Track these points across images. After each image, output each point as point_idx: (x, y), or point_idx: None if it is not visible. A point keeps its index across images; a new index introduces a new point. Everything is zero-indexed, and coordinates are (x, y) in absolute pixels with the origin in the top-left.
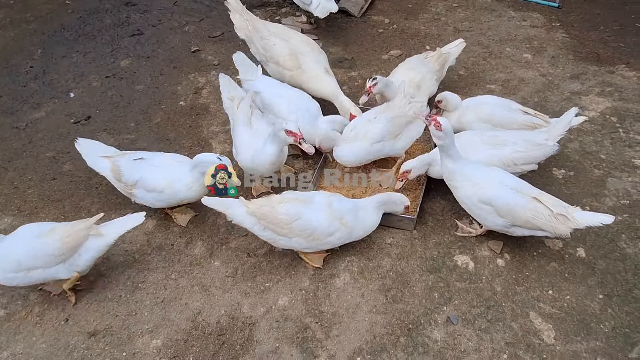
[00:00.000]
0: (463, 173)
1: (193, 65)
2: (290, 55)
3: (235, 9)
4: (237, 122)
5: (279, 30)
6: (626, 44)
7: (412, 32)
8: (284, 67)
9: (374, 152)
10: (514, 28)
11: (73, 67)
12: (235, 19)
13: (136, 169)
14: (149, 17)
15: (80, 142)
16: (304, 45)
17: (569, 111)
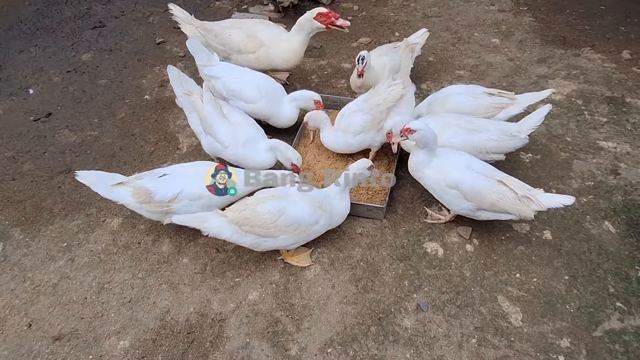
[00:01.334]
0: (431, 163)
1: (158, 58)
2: (249, 36)
3: (184, 20)
4: (210, 115)
5: (230, 23)
6: (591, 27)
7: (381, 19)
8: (247, 50)
9: (355, 145)
10: (483, 13)
11: (32, 62)
12: (186, 30)
13: (170, 184)
14: (111, 9)
15: (83, 175)
16: (258, 24)
17: (544, 107)
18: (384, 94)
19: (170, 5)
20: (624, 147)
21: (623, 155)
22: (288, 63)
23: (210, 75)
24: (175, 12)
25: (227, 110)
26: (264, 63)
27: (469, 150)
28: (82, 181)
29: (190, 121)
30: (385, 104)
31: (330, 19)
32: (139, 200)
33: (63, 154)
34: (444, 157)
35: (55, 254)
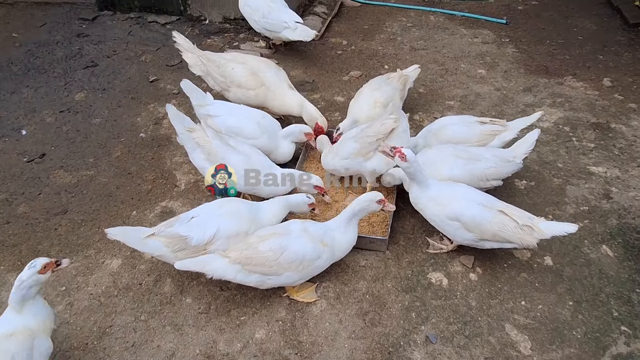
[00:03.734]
0: (428, 195)
1: (152, 95)
2: (252, 74)
3: (187, 49)
4: (220, 148)
5: (234, 56)
6: (571, 56)
7: (370, 53)
8: (247, 87)
9: (341, 168)
10: (467, 45)
11: (24, 103)
12: (188, 58)
13: (204, 225)
14: (103, 48)
15: (114, 232)
16: (262, 64)
17: (533, 131)
18: (376, 126)
19: (174, 33)
20: (614, 171)
21: (613, 180)
22: (281, 112)
23: (207, 114)
24: (179, 40)
25: (234, 143)
26: (261, 102)
27: (469, 179)
28: (114, 238)
29: (192, 157)
30: (375, 136)
31: None
32: (174, 248)
33: (58, 195)
34: (443, 189)
35: (53, 298)
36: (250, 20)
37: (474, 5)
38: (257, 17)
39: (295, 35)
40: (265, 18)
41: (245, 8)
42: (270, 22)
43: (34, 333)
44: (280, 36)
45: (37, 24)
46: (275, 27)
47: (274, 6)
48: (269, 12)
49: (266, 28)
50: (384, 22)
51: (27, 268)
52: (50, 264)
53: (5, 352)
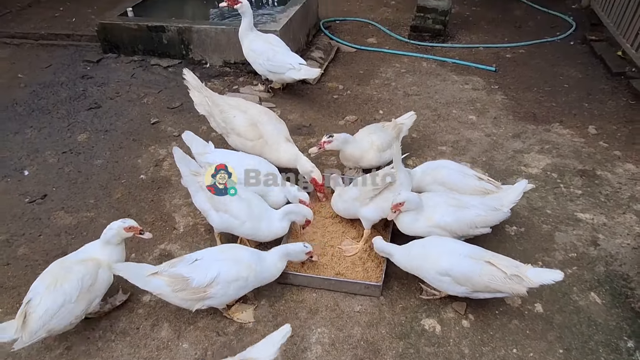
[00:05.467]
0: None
1: (153, 137)
2: (251, 125)
3: (194, 87)
4: None
5: (238, 103)
6: (558, 104)
7: (365, 97)
8: (246, 137)
9: (342, 209)
10: (458, 91)
11: (27, 144)
12: (194, 96)
13: (206, 268)
14: (106, 90)
15: (120, 268)
16: (262, 115)
17: (521, 182)
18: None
19: (185, 71)
20: (600, 218)
21: (600, 227)
22: (277, 164)
23: (207, 162)
24: (188, 78)
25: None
26: (258, 152)
27: (458, 226)
28: (119, 274)
29: (195, 200)
30: (372, 185)
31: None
32: (175, 288)
33: (58, 237)
34: (431, 245)
35: (51, 342)
36: (254, 64)
37: (465, 53)
38: (261, 60)
39: (300, 74)
40: (270, 61)
41: (250, 53)
42: (275, 64)
43: (101, 265)
44: (285, 77)
45: (43, 65)
46: (280, 69)
47: (278, 49)
48: (273, 55)
49: (270, 70)
50: (378, 68)
51: (120, 221)
52: (135, 228)
53: (76, 273)
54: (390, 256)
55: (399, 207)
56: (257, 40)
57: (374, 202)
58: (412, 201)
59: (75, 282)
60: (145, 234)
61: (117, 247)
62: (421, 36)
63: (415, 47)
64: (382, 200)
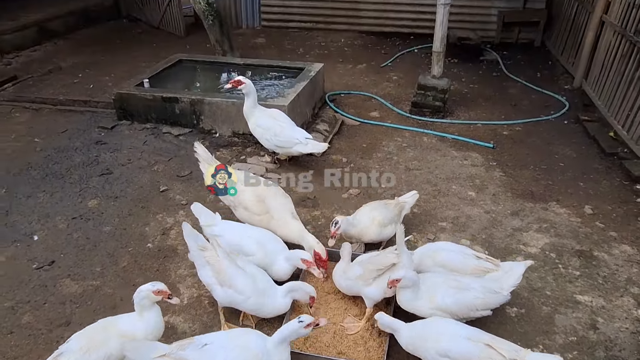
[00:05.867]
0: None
1: (161, 205)
2: (259, 200)
3: (204, 159)
4: (228, 268)
5: (248, 179)
6: (554, 182)
7: (367, 171)
8: (253, 211)
9: (345, 286)
10: (458, 167)
11: (38, 208)
12: (204, 168)
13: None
14: (118, 156)
15: (129, 348)
16: (269, 190)
17: (520, 265)
18: (380, 258)
19: (196, 144)
20: (599, 301)
21: (599, 310)
22: (282, 239)
23: (213, 234)
24: (199, 151)
25: (242, 263)
26: (264, 226)
27: (460, 308)
28: (128, 354)
29: (201, 274)
30: (376, 266)
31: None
32: None
33: (63, 305)
34: (432, 325)
35: None
36: (261, 139)
37: (463, 129)
38: (268, 136)
39: (307, 149)
40: (277, 136)
41: (257, 129)
42: (283, 139)
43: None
44: (292, 151)
45: (59, 129)
46: (287, 144)
47: (284, 125)
48: (280, 130)
49: (278, 145)
50: (381, 141)
51: (149, 284)
52: (164, 292)
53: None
54: (395, 332)
55: (395, 283)
56: (262, 117)
57: (377, 282)
58: (409, 279)
59: (102, 357)
60: (173, 298)
61: (153, 315)
62: (422, 111)
63: (416, 121)
64: (384, 280)
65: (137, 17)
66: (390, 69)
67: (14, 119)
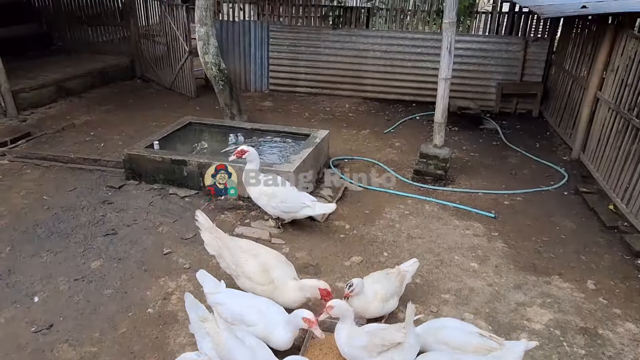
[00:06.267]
0: None
1: (164, 269)
2: (263, 271)
3: (206, 228)
4: (227, 341)
5: (248, 247)
6: (556, 255)
7: (370, 238)
8: (256, 282)
9: (348, 354)
10: (460, 236)
11: (41, 268)
12: (205, 237)
13: None
14: (124, 217)
15: None
16: (272, 259)
17: (520, 343)
18: (386, 333)
19: (197, 212)
20: None
21: None
22: (289, 306)
23: (216, 302)
24: (200, 219)
25: (241, 335)
26: (267, 295)
27: None
28: None
29: (200, 346)
30: (381, 341)
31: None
32: None
33: None
34: None
35: None
36: (266, 207)
37: (465, 197)
38: (274, 203)
39: (316, 211)
40: (284, 202)
41: (262, 198)
42: (290, 205)
43: None
44: (298, 215)
45: (68, 188)
46: (294, 209)
47: (289, 190)
48: (287, 196)
49: (284, 211)
50: (383, 208)
51: None
52: None
53: None
54: None
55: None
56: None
57: (382, 357)
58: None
59: None
60: None
61: None
62: (424, 179)
63: (419, 189)
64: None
65: (150, 78)
66: (393, 136)
67: (24, 176)
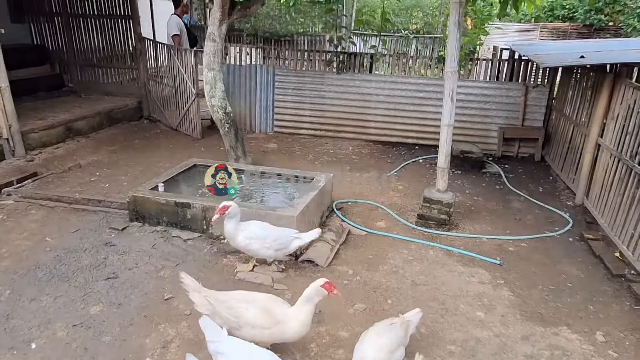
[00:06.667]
0: None
1: (164, 315)
2: (266, 313)
3: (193, 289)
4: None
5: (242, 296)
6: (563, 304)
7: (374, 285)
8: (262, 326)
9: None
10: (465, 284)
11: (40, 313)
12: (194, 298)
13: None
14: (126, 260)
15: None
16: (269, 301)
17: None
18: None
19: (182, 274)
20: None
21: None
22: (299, 335)
23: (217, 351)
24: (186, 281)
25: None
26: (276, 338)
27: None
28: None
29: None
30: None
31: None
32: None
33: None
34: None
35: None
36: (260, 251)
37: (469, 242)
38: (268, 244)
39: (305, 240)
40: (276, 240)
41: (252, 243)
42: (281, 241)
43: None
44: (290, 249)
45: (71, 229)
46: (286, 244)
47: (274, 227)
48: (277, 234)
49: (278, 249)
50: (387, 253)
51: None
52: None
53: None
54: None
55: None
56: (251, 228)
57: None
58: None
59: None
60: None
61: None
62: (427, 224)
63: (422, 233)
64: None
65: (157, 118)
66: (396, 178)
67: (28, 216)
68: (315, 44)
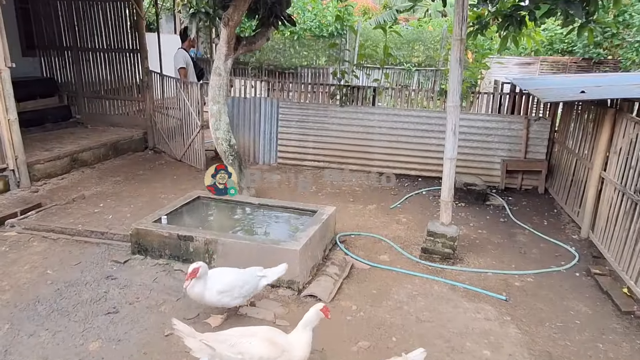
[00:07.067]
0: None
1: (164, 352)
2: (271, 343)
3: (187, 334)
4: None
5: (241, 331)
6: (572, 342)
7: (377, 321)
8: (269, 357)
9: None
10: (470, 320)
11: (38, 349)
12: (190, 344)
13: None
14: (127, 293)
15: None
16: (269, 331)
17: None
18: None
19: (174, 321)
20: None
21: None
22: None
23: None
24: (179, 327)
25: None
26: None
27: None
28: None
29: None
30: None
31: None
32: None
33: None
34: None
35: None
36: (233, 302)
37: (474, 277)
38: (237, 292)
39: (271, 278)
40: (248, 283)
41: (224, 296)
42: (249, 286)
43: None
44: (259, 289)
45: (72, 262)
46: (254, 285)
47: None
48: (244, 278)
49: (245, 296)
50: (391, 288)
51: None
52: None
53: None
54: None
55: None
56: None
57: None
58: None
59: None
60: None
61: None
62: (431, 257)
63: (426, 267)
64: None
65: (162, 149)
66: (400, 211)
67: (31, 248)
68: (318, 77)
